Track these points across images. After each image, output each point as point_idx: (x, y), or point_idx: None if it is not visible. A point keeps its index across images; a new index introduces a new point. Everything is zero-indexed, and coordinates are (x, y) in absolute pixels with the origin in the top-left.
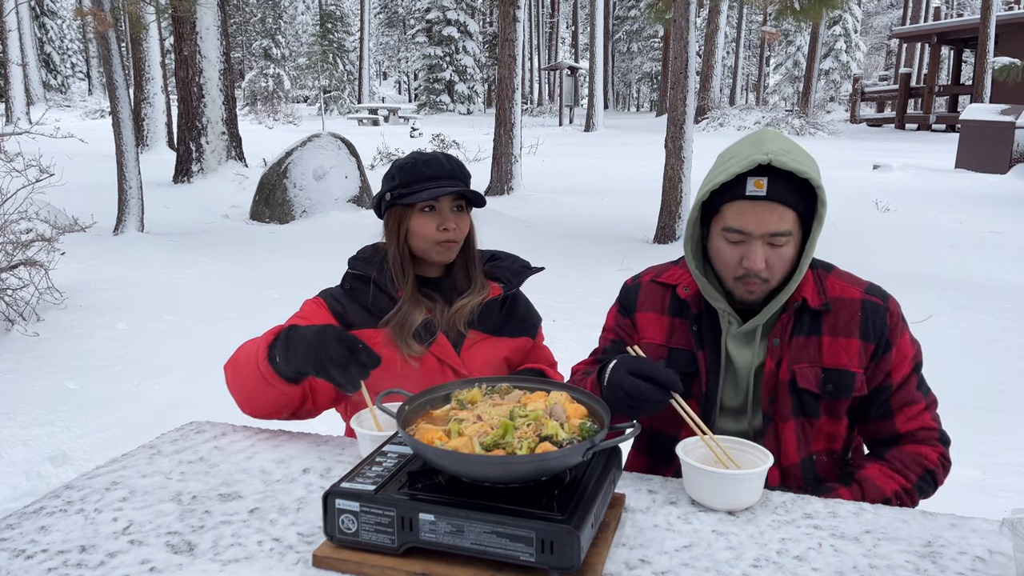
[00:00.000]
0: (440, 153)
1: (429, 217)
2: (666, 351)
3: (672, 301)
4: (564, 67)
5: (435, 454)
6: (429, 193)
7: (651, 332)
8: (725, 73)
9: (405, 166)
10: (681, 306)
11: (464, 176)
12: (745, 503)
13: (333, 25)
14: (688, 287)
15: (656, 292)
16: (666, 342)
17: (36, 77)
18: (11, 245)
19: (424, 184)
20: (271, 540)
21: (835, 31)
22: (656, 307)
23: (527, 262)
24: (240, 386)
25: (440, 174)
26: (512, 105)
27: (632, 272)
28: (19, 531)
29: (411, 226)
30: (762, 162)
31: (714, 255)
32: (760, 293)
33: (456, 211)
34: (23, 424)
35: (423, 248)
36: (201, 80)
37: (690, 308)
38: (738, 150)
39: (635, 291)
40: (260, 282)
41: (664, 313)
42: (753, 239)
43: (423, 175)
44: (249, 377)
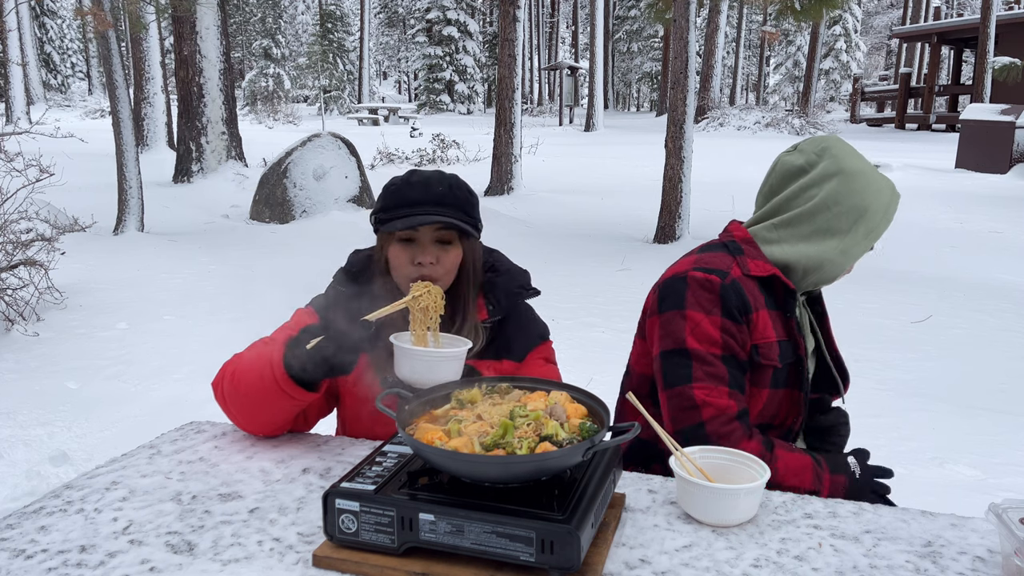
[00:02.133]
0: (435, 174)
1: (405, 248)
2: (778, 347)
3: (767, 292)
4: (564, 67)
5: (435, 454)
6: (404, 222)
7: (768, 330)
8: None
9: (391, 186)
10: (775, 297)
11: (457, 202)
12: (735, 519)
13: (333, 25)
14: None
15: (754, 287)
16: (776, 338)
17: (36, 77)
18: (11, 245)
19: (403, 210)
20: (271, 540)
21: (835, 31)
22: (761, 302)
23: (525, 281)
24: (246, 402)
25: (424, 199)
26: (512, 105)
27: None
28: (19, 531)
29: (389, 254)
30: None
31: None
32: None
33: (439, 244)
34: (23, 424)
35: (398, 280)
36: (201, 80)
37: (795, 295)
38: (889, 186)
39: (738, 290)
40: (260, 282)
41: (764, 307)
42: None
43: (405, 199)
44: (260, 391)
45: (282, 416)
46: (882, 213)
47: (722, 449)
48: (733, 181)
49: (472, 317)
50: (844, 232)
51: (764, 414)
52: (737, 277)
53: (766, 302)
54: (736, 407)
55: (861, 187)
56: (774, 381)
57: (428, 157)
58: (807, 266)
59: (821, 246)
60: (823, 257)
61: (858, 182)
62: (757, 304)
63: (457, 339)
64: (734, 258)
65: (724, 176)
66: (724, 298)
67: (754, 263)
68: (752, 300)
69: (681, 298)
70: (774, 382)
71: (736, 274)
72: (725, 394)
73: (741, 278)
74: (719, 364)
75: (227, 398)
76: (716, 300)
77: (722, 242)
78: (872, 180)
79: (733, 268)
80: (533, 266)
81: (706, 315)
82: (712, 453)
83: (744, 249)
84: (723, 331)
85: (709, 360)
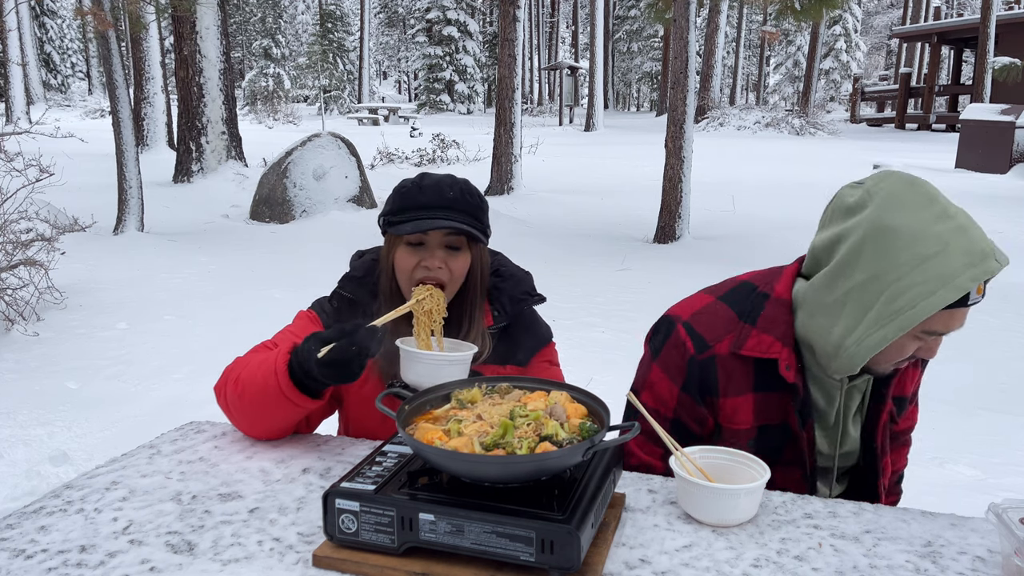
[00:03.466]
0: (446, 178)
1: (412, 252)
2: (755, 431)
3: (761, 377)
4: (564, 67)
5: (435, 454)
6: (414, 225)
7: (740, 416)
8: (725, 73)
9: (402, 189)
10: (778, 379)
11: (468, 207)
12: (735, 519)
13: (333, 25)
14: (790, 365)
15: (739, 368)
16: (755, 422)
17: (36, 77)
18: (11, 245)
19: (414, 213)
20: (271, 540)
21: (835, 31)
22: (743, 387)
23: (529, 286)
24: (249, 408)
25: (435, 203)
26: (512, 105)
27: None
28: (19, 531)
29: (395, 257)
30: (996, 271)
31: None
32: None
33: (448, 249)
34: (23, 424)
35: (402, 284)
36: (201, 80)
37: (796, 390)
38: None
39: (711, 370)
40: (260, 282)
41: (750, 391)
42: (941, 337)
43: (415, 203)
44: (264, 398)
45: (285, 422)
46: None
47: (722, 449)
48: (733, 181)
49: (479, 323)
50: (864, 308)
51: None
52: (718, 355)
53: (754, 384)
54: (663, 468)
55: (894, 249)
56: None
57: (428, 157)
58: (823, 348)
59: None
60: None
61: (893, 242)
62: (731, 389)
63: (462, 344)
64: (739, 324)
65: (724, 176)
66: (689, 373)
67: (757, 339)
68: (723, 384)
69: (659, 346)
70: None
71: (720, 351)
72: (657, 454)
73: (724, 357)
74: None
75: (230, 404)
76: (682, 370)
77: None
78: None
79: (724, 341)
80: (533, 266)
81: (667, 379)
82: (712, 453)
83: (765, 314)
84: (679, 403)
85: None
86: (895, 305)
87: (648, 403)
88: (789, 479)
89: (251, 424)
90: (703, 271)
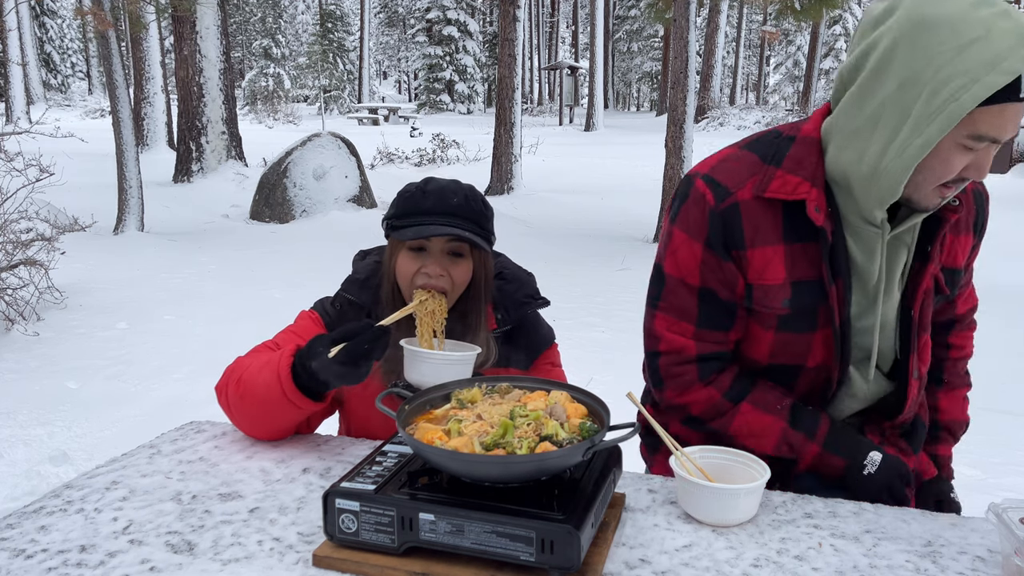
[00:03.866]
0: (451, 184)
1: (414, 257)
2: (789, 288)
3: (791, 225)
4: (564, 67)
5: (435, 454)
6: (415, 231)
7: (771, 271)
8: (725, 73)
9: (406, 193)
10: (808, 226)
11: (471, 214)
12: (735, 519)
13: (333, 24)
14: (819, 207)
15: (766, 214)
16: (788, 277)
17: (36, 76)
18: (11, 245)
19: (416, 218)
20: (271, 540)
21: (835, 31)
22: (771, 236)
23: (532, 289)
24: (251, 410)
25: (439, 209)
26: (512, 105)
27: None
28: (19, 531)
29: (397, 262)
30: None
31: (932, 161)
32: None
33: (450, 256)
34: (23, 424)
35: (403, 289)
36: (201, 80)
37: (825, 234)
38: (1003, 33)
39: (734, 218)
40: (260, 282)
41: (780, 241)
42: (993, 145)
43: (418, 208)
44: (267, 400)
45: (286, 424)
46: (972, 77)
47: (722, 449)
48: None
49: (484, 329)
50: (902, 115)
51: (781, 357)
52: (741, 201)
53: (783, 233)
54: (696, 349)
55: (931, 43)
56: (783, 325)
57: (428, 157)
58: (859, 176)
59: (868, 141)
60: (872, 160)
61: (929, 35)
62: (758, 239)
63: (464, 344)
64: (762, 167)
65: None
66: (711, 226)
67: (783, 180)
68: (749, 234)
69: (679, 207)
70: (783, 326)
71: (742, 196)
72: (688, 332)
73: (747, 203)
74: (690, 297)
75: (231, 404)
76: (703, 225)
77: (778, 135)
78: (959, 30)
79: (745, 186)
80: (533, 266)
81: (688, 239)
82: (712, 453)
83: (791, 155)
84: (703, 264)
85: (679, 291)
86: (936, 101)
87: (672, 273)
88: (826, 351)
89: (252, 425)
90: None
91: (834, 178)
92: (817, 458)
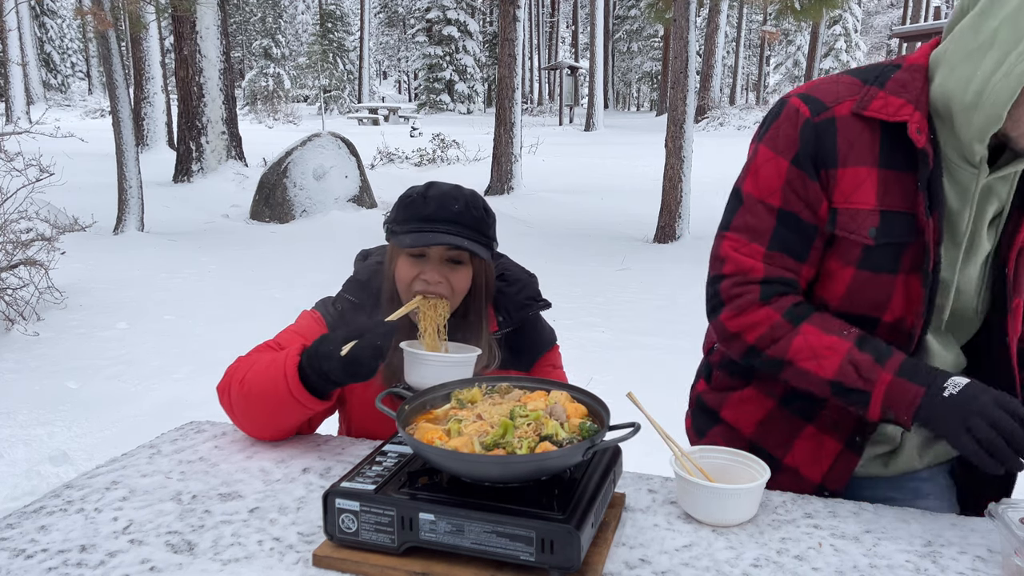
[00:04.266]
0: (452, 190)
1: (413, 263)
2: (878, 216)
3: (888, 149)
4: (564, 67)
5: (435, 453)
6: (414, 239)
7: (861, 194)
8: (725, 73)
9: (407, 198)
10: (906, 154)
11: (472, 221)
12: (735, 519)
13: (333, 24)
14: (921, 129)
15: (863, 133)
16: (878, 204)
17: (36, 76)
18: (11, 245)
19: (416, 224)
20: (271, 540)
21: (835, 31)
22: (866, 157)
23: (534, 291)
24: (255, 409)
25: (439, 216)
26: (512, 105)
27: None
28: (19, 530)
29: (396, 267)
30: None
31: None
32: None
33: (449, 263)
34: (23, 424)
35: (402, 293)
36: (201, 80)
37: (925, 157)
38: None
39: (829, 133)
40: (260, 282)
41: (875, 164)
42: None
43: (418, 214)
44: (272, 399)
45: (290, 423)
46: None
47: (722, 449)
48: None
49: (486, 332)
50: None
51: (858, 302)
52: (838, 116)
53: (879, 156)
54: (763, 272)
55: None
56: (866, 260)
57: (428, 157)
58: (962, 101)
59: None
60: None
61: None
62: (851, 157)
63: (465, 346)
64: (863, 87)
65: (724, 176)
66: (802, 141)
67: (884, 101)
68: (843, 150)
69: (768, 125)
70: (866, 261)
71: (839, 112)
72: (758, 254)
73: (845, 119)
74: (767, 217)
75: (234, 404)
76: (794, 140)
77: (882, 63)
78: None
79: (843, 102)
80: (533, 266)
81: (775, 155)
82: (712, 453)
83: (896, 78)
84: (787, 181)
85: (756, 210)
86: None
87: (752, 192)
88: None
89: (255, 425)
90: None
91: (936, 109)
92: (890, 388)
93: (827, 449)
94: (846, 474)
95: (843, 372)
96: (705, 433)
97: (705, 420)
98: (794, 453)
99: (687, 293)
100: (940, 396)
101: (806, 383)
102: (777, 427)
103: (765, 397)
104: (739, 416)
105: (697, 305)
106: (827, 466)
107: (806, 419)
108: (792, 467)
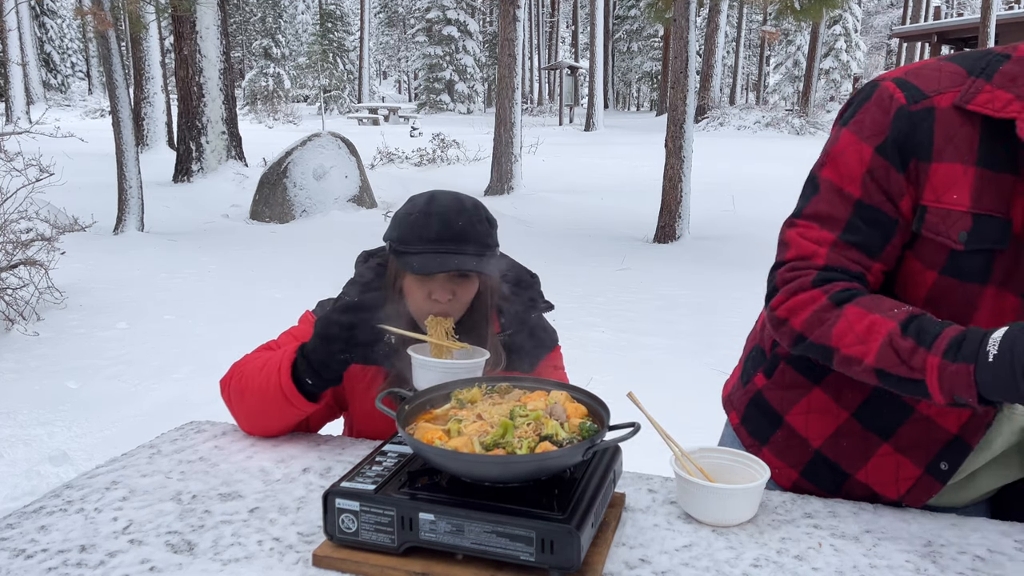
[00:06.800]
0: (454, 205)
1: (420, 283)
2: (970, 219)
3: (989, 148)
4: (564, 67)
5: (435, 453)
6: (421, 264)
7: (955, 192)
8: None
9: (408, 217)
10: (1007, 153)
11: (477, 236)
12: (735, 519)
13: (333, 24)
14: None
15: (963, 128)
16: (972, 206)
17: (36, 76)
18: (11, 245)
19: (421, 247)
20: (271, 540)
21: (835, 30)
22: (964, 154)
23: (536, 292)
24: (249, 404)
25: (444, 236)
26: (512, 105)
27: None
28: (19, 530)
29: (404, 284)
30: None
31: None
32: None
33: (457, 277)
34: (23, 424)
35: (412, 311)
36: (201, 80)
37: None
38: None
39: (925, 123)
40: (260, 282)
41: (973, 162)
42: None
43: (422, 235)
44: (265, 395)
45: (282, 422)
46: None
47: (722, 449)
48: (733, 181)
49: (491, 335)
50: None
51: (939, 311)
52: (938, 107)
53: (979, 155)
54: (825, 259)
55: None
56: (951, 266)
57: (428, 157)
58: None
59: None
60: None
61: None
62: (947, 152)
63: (476, 349)
64: (968, 78)
65: (724, 176)
66: (894, 127)
67: (991, 95)
68: (940, 143)
69: (855, 109)
70: (951, 267)
71: (939, 103)
72: (826, 240)
73: (945, 111)
74: (842, 206)
75: (232, 399)
76: (884, 127)
77: (988, 53)
78: None
79: (947, 93)
80: (533, 266)
81: (858, 141)
82: (712, 453)
83: (1004, 70)
84: (869, 170)
85: (832, 198)
86: None
87: (830, 178)
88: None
89: (248, 419)
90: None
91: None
92: (942, 373)
93: (905, 471)
94: (923, 499)
95: (883, 357)
96: (767, 439)
97: (766, 423)
98: (867, 470)
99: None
100: (986, 363)
101: (858, 374)
102: (850, 443)
103: (838, 408)
104: (808, 425)
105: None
106: (905, 489)
107: (883, 437)
108: (864, 483)
